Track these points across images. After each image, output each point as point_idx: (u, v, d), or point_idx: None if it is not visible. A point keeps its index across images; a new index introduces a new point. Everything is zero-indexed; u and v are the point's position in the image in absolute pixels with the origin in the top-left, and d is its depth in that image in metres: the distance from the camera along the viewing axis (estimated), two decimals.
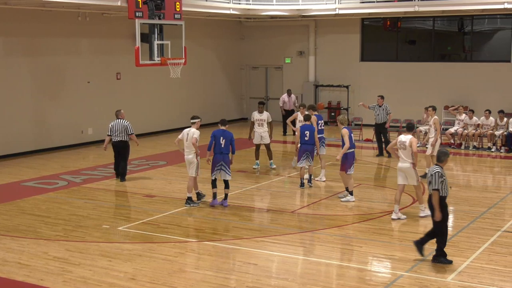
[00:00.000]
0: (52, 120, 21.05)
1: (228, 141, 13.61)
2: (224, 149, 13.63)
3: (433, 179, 10.04)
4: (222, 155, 13.65)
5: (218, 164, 13.67)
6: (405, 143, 12.62)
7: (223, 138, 13.63)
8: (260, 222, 13.02)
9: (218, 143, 13.65)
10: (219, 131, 13.76)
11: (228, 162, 13.70)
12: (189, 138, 13.71)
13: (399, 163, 12.76)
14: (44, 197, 14.88)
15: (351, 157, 14.03)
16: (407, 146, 12.57)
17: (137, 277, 9.67)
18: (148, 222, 12.71)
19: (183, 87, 25.41)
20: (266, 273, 9.91)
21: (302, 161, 15.31)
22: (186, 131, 13.80)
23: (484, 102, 23.27)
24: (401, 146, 12.69)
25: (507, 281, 9.43)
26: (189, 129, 13.82)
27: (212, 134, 13.77)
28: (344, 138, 13.91)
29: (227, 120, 14.21)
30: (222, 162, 13.64)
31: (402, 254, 10.60)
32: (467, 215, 13.08)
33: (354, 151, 14.17)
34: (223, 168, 13.67)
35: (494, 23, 26.09)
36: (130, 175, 17.13)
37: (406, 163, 12.59)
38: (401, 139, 12.76)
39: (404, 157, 12.62)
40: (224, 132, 13.73)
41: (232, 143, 13.68)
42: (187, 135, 13.73)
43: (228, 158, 13.71)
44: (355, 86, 26.83)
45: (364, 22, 26.92)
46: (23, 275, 9.80)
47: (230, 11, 24.80)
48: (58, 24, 21.00)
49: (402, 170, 12.66)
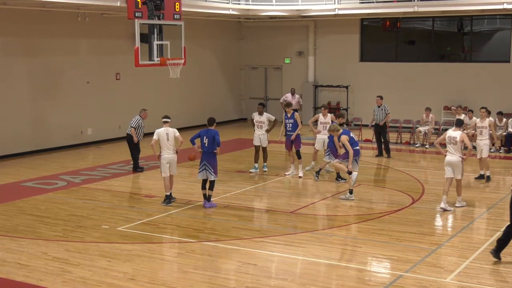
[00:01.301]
0: (51, 121, 21.04)
1: (211, 139, 13.56)
2: (208, 148, 13.60)
3: None
4: (206, 155, 13.63)
5: (202, 163, 13.68)
6: (456, 138, 13.31)
7: (206, 137, 13.62)
8: (260, 223, 13.01)
9: (202, 142, 13.68)
10: (203, 131, 13.80)
11: (212, 162, 13.60)
12: (170, 137, 13.82)
13: (448, 157, 13.40)
14: (44, 197, 14.88)
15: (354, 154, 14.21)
16: (458, 141, 13.31)
17: (136, 277, 9.67)
18: (148, 223, 12.71)
19: (182, 87, 25.41)
20: (266, 274, 9.91)
21: (326, 156, 16.16)
22: (164, 131, 13.84)
23: (484, 102, 23.23)
24: (452, 141, 13.38)
25: (506, 282, 9.43)
26: (165, 128, 13.87)
27: (198, 132, 13.90)
28: (346, 145, 14.02)
29: (213, 120, 14.02)
30: (205, 162, 13.62)
31: (401, 254, 10.60)
32: (466, 216, 13.08)
33: (358, 149, 14.41)
34: (206, 168, 13.64)
35: (494, 24, 26.11)
36: (129, 175, 17.15)
37: (454, 156, 13.32)
38: (450, 135, 13.44)
39: (453, 151, 13.35)
40: (208, 131, 13.70)
41: (215, 138, 13.57)
42: (167, 134, 13.81)
43: (212, 158, 13.63)
44: (355, 87, 26.84)
45: (363, 23, 26.93)
46: (23, 275, 9.80)
47: (229, 11, 24.80)
48: (57, 25, 20.99)
49: (451, 163, 13.36)
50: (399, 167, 18.41)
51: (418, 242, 11.30)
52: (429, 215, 13.30)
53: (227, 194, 14.99)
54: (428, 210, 13.61)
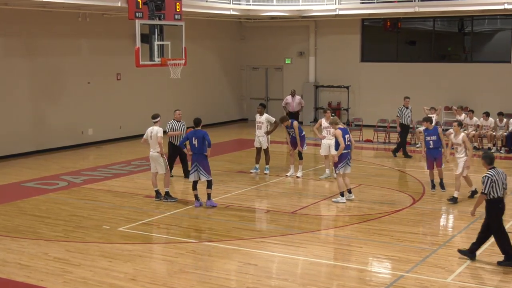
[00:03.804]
0: (52, 121, 21.05)
1: (201, 140, 13.56)
2: (198, 149, 13.59)
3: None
4: (196, 156, 13.65)
5: (193, 165, 13.70)
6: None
7: (195, 138, 13.63)
8: (260, 223, 13.01)
9: (191, 144, 13.69)
10: (191, 132, 13.81)
11: (203, 163, 13.62)
12: (153, 136, 14.01)
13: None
14: (44, 197, 14.88)
15: (343, 157, 14.00)
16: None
17: (137, 277, 9.67)
18: (148, 223, 12.72)
19: (183, 87, 25.40)
20: (266, 274, 9.91)
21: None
22: (150, 130, 14.13)
23: (484, 102, 23.28)
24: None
25: (507, 282, 9.43)
26: (152, 127, 14.11)
27: (185, 135, 14.02)
28: (339, 139, 13.90)
29: (199, 120, 14.00)
30: (196, 163, 13.65)
31: (402, 254, 10.60)
32: (467, 216, 13.05)
33: (348, 152, 14.10)
34: (198, 169, 13.66)
35: (494, 24, 26.10)
36: (130, 175, 17.16)
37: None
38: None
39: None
40: (196, 132, 13.70)
41: (205, 139, 13.57)
42: (151, 133, 14.08)
43: (203, 158, 13.63)
44: (355, 87, 26.83)
45: (364, 23, 26.93)
46: (23, 275, 9.80)
47: (230, 11, 24.80)
48: (58, 25, 21.00)
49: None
50: (399, 167, 18.41)
51: (419, 242, 11.30)
52: (430, 216, 13.30)
53: (228, 194, 14.99)
54: (429, 210, 13.61)
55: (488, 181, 9.92)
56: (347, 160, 14.03)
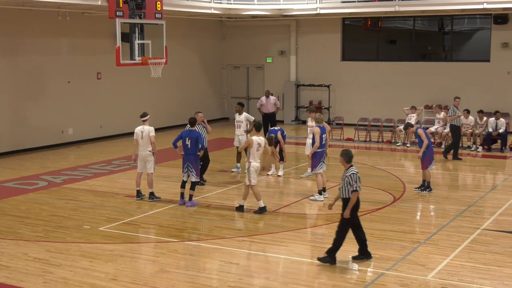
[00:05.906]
0: (31, 120, 20.89)
1: (194, 141, 13.60)
2: (190, 149, 13.64)
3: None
4: (188, 156, 13.67)
5: (185, 165, 13.72)
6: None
7: (188, 138, 13.65)
8: (242, 222, 13.01)
9: (184, 144, 13.69)
10: (185, 132, 13.83)
11: (194, 163, 13.66)
12: (144, 135, 13.88)
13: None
14: (24, 197, 14.77)
15: (319, 156, 14.10)
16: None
17: (118, 277, 9.63)
18: (129, 223, 12.67)
19: (164, 86, 25.33)
20: (248, 273, 9.91)
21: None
22: (140, 129, 13.97)
23: (464, 101, 23.37)
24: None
25: (486, 279, 9.52)
26: (141, 127, 13.97)
27: (180, 134, 13.93)
28: (316, 136, 14.00)
29: (195, 120, 14.09)
30: (188, 163, 13.67)
31: (382, 252, 10.65)
32: (447, 214, 13.17)
33: (323, 151, 14.21)
34: (189, 169, 13.68)
35: (474, 23, 26.33)
36: (110, 175, 17.07)
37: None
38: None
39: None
40: (190, 133, 13.74)
41: (198, 140, 13.64)
42: (142, 132, 13.91)
43: (195, 159, 13.68)
44: (336, 86, 26.93)
45: (345, 22, 27.04)
46: (3, 276, 9.72)
47: (211, 10, 24.77)
48: (38, 24, 20.84)
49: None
50: (380, 165, 18.49)
51: (399, 240, 11.37)
52: (411, 213, 13.39)
53: (209, 193, 14.97)
54: (410, 208, 13.69)
55: (358, 178, 10.20)
56: (322, 158, 14.19)
